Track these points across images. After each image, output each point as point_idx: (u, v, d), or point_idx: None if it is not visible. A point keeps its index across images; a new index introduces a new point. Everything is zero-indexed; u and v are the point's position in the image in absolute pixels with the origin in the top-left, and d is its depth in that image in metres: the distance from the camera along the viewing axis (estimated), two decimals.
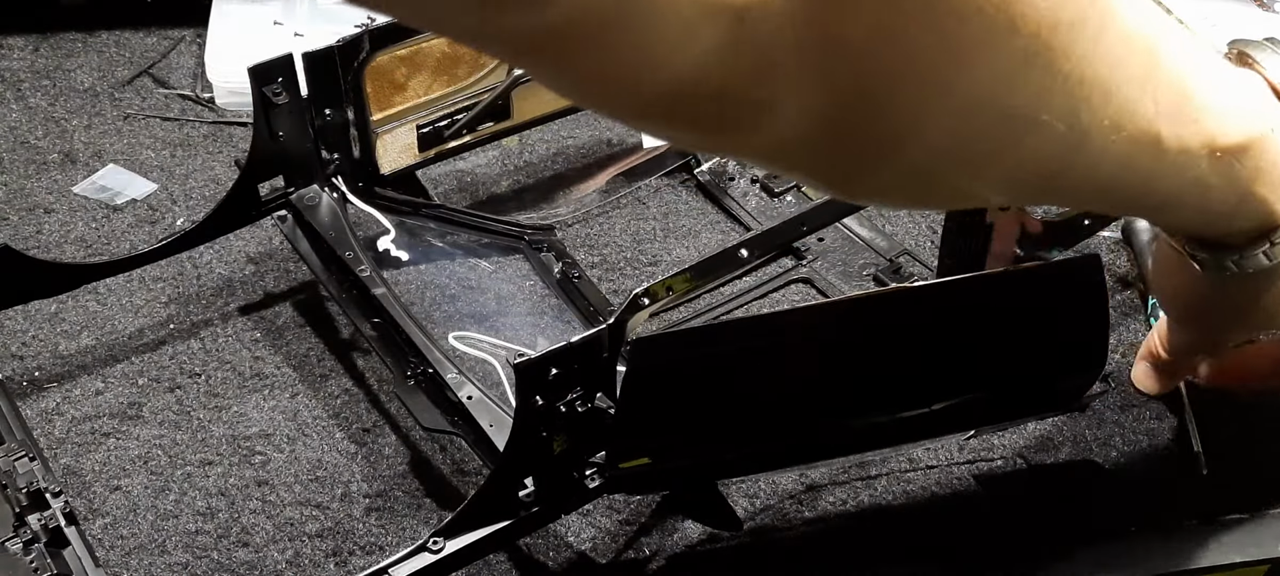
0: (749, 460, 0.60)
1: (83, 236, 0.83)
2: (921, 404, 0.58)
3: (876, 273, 0.81)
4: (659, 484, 0.64)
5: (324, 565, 0.64)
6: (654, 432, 0.55)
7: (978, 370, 0.59)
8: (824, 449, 0.61)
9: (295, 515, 0.66)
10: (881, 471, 0.69)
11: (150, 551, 0.64)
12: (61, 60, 0.99)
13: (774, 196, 0.87)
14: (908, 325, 0.56)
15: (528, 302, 0.79)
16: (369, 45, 0.71)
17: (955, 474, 0.69)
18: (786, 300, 0.80)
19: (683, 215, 0.86)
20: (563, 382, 0.53)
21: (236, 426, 0.70)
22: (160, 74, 0.98)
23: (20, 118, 0.93)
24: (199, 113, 0.95)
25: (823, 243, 0.83)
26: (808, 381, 0.56)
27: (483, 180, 0.89)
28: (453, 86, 0.76)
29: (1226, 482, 0.69)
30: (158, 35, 1.02)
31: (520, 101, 0.79)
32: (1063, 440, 0.71)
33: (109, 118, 0.93)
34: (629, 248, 0.83)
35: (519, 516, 0.58)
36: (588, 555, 0.64)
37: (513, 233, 0.82)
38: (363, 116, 0.73)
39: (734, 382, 0.55)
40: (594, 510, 0.66)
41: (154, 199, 0.86)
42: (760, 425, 0.57)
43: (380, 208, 0.76)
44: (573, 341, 0.53)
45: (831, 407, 0.58)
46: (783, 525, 0.65)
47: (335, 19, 1.00)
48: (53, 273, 0.72)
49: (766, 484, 0.67)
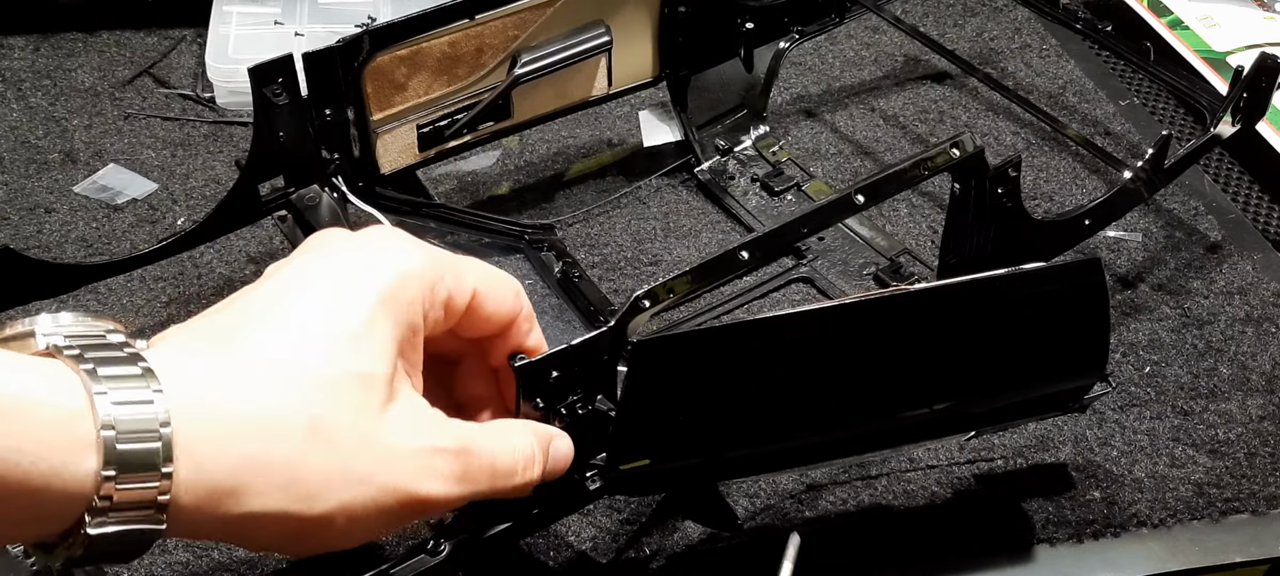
0: (749, 461, 0.60)
1: (83, 236, 0.83)
2: (922, 405, 0.58)
3: (877, 272, 0.81)
4: (659, 485, 0.64)
5: (324, 565, 0.64)
6: (654, 434, 0.55)
7: (978, 371, 0.59)
8: (824, 450, 0.61)
9: None
10: (881, 471, 0.69)
11: (151, 551, 0.64)
12: (62, 60, 0.99)
13: (774, 196, 0.87)
14: (908, 326, 0.56)
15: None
16: (369, 45, 0.71)
17: (955, 474, 0.69)
18: (786, 300, 0.80)
19: (683, 215, 0.86)
20: (563, 384, 0.53)
21: None
22: (161, 74, 0.98)
23: (21, 117, 0.93)
24: (199, 112, 0.95)
25: (823, 242, 0.83)
26: (808, 383, 0.56)
27: (483, 180, 0.89)
28: (453, 86, 0.76)
29: (1226, 482, 0.69)
30: (158, 35, 1.02)
31: (520, 101, 0.79)
32: (1063, 440, 0.71)
33: (109, 117, 0.93)
34: (629, 247, 0.83)
35: (519, 516, 0.58)
36: (588, 555, 0.64)
37: (513, 233, 0.82)
38: (363, 116, 0.73)
39: (734, 384, 0.55)
40: (594, 510, 0.66)
41: (154, 199, 0.86)
42: (760, 426, 0.57)
43: (380, 207, 0.76)
44: (573, 343, 0.53)
45: (831, 409, 0.58)
46: (783, 525, 0.65)
47: (335, 19, 1.00)
48: (53, 273, 0.72)
49: (766, 484, 0.67)
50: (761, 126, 0.92)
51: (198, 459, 0.39)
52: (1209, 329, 0.78)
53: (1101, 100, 0.99)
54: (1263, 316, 0.79)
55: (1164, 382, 0.75)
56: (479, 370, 0.52)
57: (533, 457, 0.48)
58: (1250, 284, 0.82)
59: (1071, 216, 0.73)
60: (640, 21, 0.82)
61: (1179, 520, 0.67)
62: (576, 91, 0.81)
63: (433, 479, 0.43)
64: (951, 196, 0.66)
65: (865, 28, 1.05)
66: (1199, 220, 0.87)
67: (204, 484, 0.39)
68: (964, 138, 0.63)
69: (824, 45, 1.03)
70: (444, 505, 0.44)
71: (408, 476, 0.43)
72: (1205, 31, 1.03)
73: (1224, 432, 0.72)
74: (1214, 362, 0.76)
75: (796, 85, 0.99)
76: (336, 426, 0.41)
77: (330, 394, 0.41)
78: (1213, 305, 0.80)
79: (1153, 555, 0.66)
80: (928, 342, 0.57)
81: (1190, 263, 0.84)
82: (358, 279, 0.44)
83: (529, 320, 0.51)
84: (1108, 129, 0.96)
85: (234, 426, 0.40)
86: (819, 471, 0.68)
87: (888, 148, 0.93)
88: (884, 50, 1.04)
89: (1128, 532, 0.67)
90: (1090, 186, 0.90)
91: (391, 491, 0.42)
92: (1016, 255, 0.65)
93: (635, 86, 0.84)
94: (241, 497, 0.40)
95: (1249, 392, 0.74)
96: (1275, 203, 0.92)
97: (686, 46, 0.85)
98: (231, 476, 0.39)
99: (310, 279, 0.44)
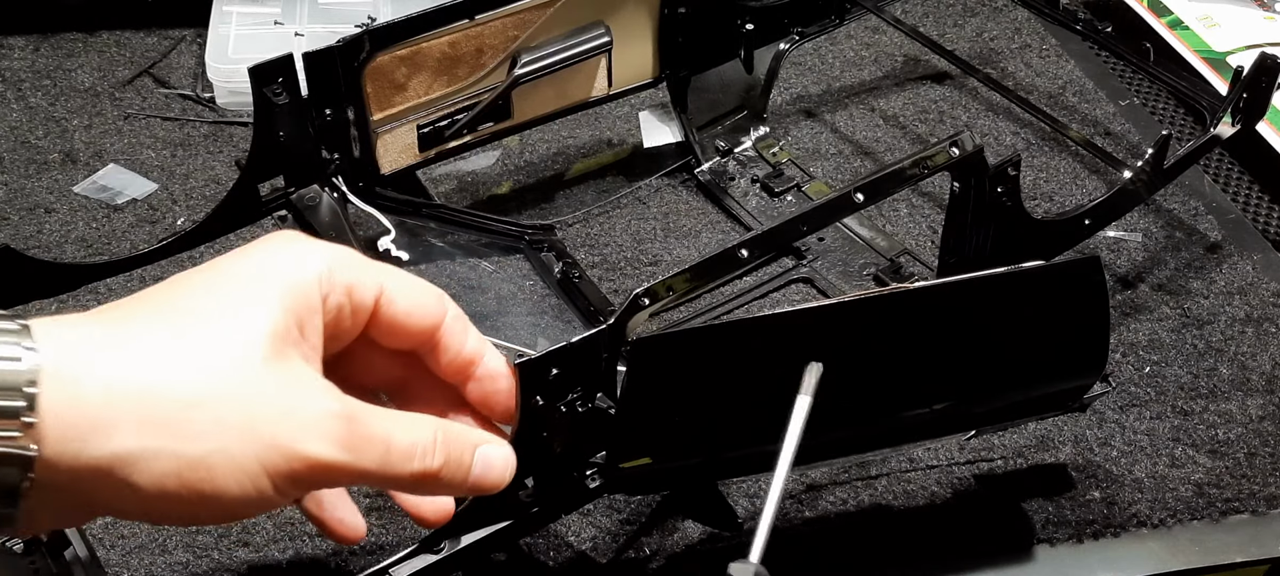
0: (749, 460, 0.60)
1: (83, 236, 0.83)
2: (922, 404, 0.58)
3: (876, 272, 0.81)
4: (659, 484, 0.64)
5: (324, 564, 0.64)
6: (654, 433, 0.55)
7: (978, 370, 0.59)
8: (824, 449, 0.61)
9: (296, 514, 0.66)
10: (881, 471, 0.69)
11: (150, 551, 0.64)
12: (62, 60, 0.99)
13: (774, 196, 0.87)
14: (908, 325, 0.56)
15: (528, 302, 0.79)
16: (369, 45, 0.71)
17: (955, 474, 0.69)
18: (786, 300, 0.80)
19: (683, 215, 0.86)
20: (563, 383, 0.53)
21: None
22: (160, 74, 0.98)
23: (21, 117, 0.93)
24: (199, 112, 0.95)
25: (823, 242, 0.83)
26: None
27: (483, 180, 0.89)
28: (453, 86, 0.76)
29: (1226, 482, 0.69)
30: (158, 35, 1.02)
31: (520, 101, 0.79)
32: (1063, 440, 0.71)
33: (109, 117, 0.93)
34: (629, 247, 0.83)
35: (519, 516, 0.58)
36: (588, 555, 0.64)
37: (513, 233, 0.82)
38: (363, 116, 0.73)
39: (734, 383, 0.55)
40: (594, 510, 0.66)
41: (154, 199, 0.86)
42: (760, 426, 0.57)
43: (380, 207, 0.76)
44: (573, 341, 0.53)
45: (831, 408, 0.58)
46: (783, 525, 0.65)
47: (335, 19, 1.00)
48: (53, 273, 0.72)
49: (766, 484, 0.67)
50: (761, 127, 0.92)
51: (70, 411, 0.39)
52: (1209, 329, 0.78)
53: (1101, 100, 0.99)
54: (1263, 316, 0.79)
55: (1164, 382, 0.75)
56: (429, 393, 0.51)
57: (433, 447, 0.46)
58: (1250, 284, 0.82)
59: (1071, 216, 0.73)
60: (640, 22, 0.82)
61: (1179, 520, 0.67)
62: (576, 92, 0.81)
63: (318, 439, 0.42)
64: (951, 196, 0.66)
65: (865, 28, 1.05)
66: (1199, 220, 0.87)
67: (76, 432, 0.39)
68: (963, 137, 0.63)
69: (824, 46, 1.03)
70: (333, 472, 0.43)
71: (291, 433, 0.42)
72: (1205, 31, 1.03)
73: (1224, 432, 0.72)
74: (1214, 362, 0.76)
75: (796, 86, 0.99)
76: (219, 382, 0.41)
77: (213, 351, 0.41)
78: (1213, 305, 0.80)
79: (1153, 555, 0.66)
80: (927, 342, 0.56)
81: (1190, 262, 0.84)
82: (247, 256, 0.45)
83: (459, 322, 0.49)
84: (1108, 129, 0.96)
85: (109, 381, 0.40)
86: (819, 471, 0.68)
87: (888, 148, 0.93)
88: (884, 50, 1.04)
89: (1128, 532, 0.67)
90: (1090, 186, 0.90)
91: (275, 447, 0.42)
92: (1016, 255, 0.65)
93: (635, 87, 0.84)
94: (116, 447, 0.39)
95: (1249, 392, 0.74)
96: (1275, 203, 0.92)
97: (686, 47, 0.85)
98: (104, 423, 0.39)
99: (201, 269, 0.45)
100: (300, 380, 0.43)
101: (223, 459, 0.41)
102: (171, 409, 0.40)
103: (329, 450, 0.43)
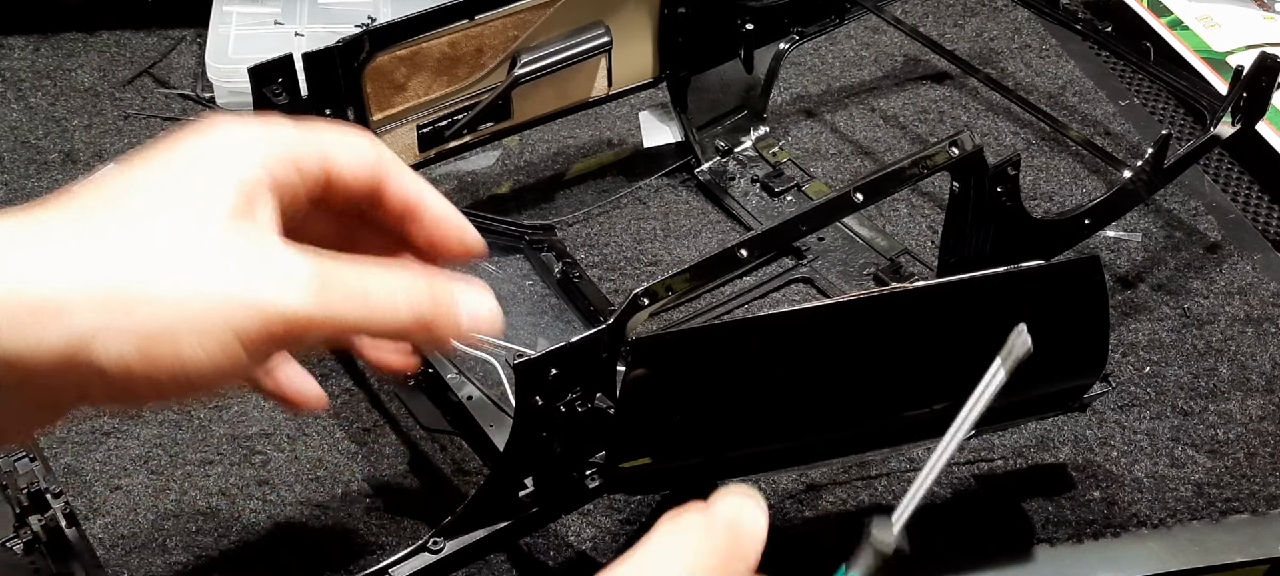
0: (749, 460, 0.60)
1: None
2: (922, 404, 0.58)
3: (876, 272, 0.81)
4: (659, 484, 0.64)
5: (325, 564, 0.64)
6: (654, 433, 0.55)
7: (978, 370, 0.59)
8: (824, 449, 0.61)
9: (295, 514, 0.66)
10: (881, 471, 0.69)
11: (150, 551, 0.64)
12: (62, 60, 0.99)
13: (774, 196, 0.87)
14: (908, 325, 0.56)
15: (528, 302, 0.79)
16: (369, 45, 0.71)
17: (955, 474, 0.69)
18: (786, 300, 0.80)
19: (683, 215, 0.86)
20: (562, 383, 0.53)
21: (237, 426, 0.70)
22: (161, 74, 0.98)
23: (21, 117, 0.93)
24: (199, 112, 0.95)
25: (823, 242, 0.83)
26: (808, 381, 0.56)
27: (483, 180, 0.89)
28: (453, 86, 0.76)
29: (1226, 482, 0.69)
30: (158, 35, 1.02)
31: (520, 101, 0.79)
32: (1063, 440, 0.71)
33: (109, 117, 0.93)
34: (629, 247, 0.83)
35: (519, 516, 0.58)
36: (588, 555, 0.64)
37: (513, 233, 0.82)
38: (363, 117, 0.73)
39: (734, 383, 0.55)
40: (594, 510, 0.66)
41: None
42: (760, 425, 0.57)
43: None
44: (572, 341, 0.53)
45: (831, 408, 0.58)
46: (783, 525, 0.65)
47: (335, 19, 1.00)
48: None
49: (766, 484, 0.67)
50: (761, 127, 0.92)
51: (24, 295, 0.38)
52: (1209, 329, 0.78)
53: (1101, 100, 0.99)
54: (1263, 316, 0.79)
55: (1164, 382, 0.75)
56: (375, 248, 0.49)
57: (422, 289, 0.44)
58: (1250, 284, 0.82)
59: (1071, 216, 0.73)
60: (640, 22, 0.82)
61: (1179, 520, 0.67)
62: (576, 92, 0.81)
63: (294, 290, 0.41)
64: (951, 195, 0.66)
65: (865, 28, 1.05)
66: (1199, 220, 0.87)
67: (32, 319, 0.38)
68: (963, 136, 0.63)
69: (824, 45, 1.03)
70: (311, 326, 0.41)
71: (264, 290, 0.40)
72: (1205, 31, 1.03)
73: (1224, 432, 0.72)
74: (1214, 362, 0.76)
75: (796, 86, 0.99)
76: (181, 255, 0.40)
77: (175, 229, 0.41)
78: (1213, 305, 0.80)
79: (1153, 555, 0.66)
80: (927, 341, 0.57)
81: (1190, 263, 0.84)
82: (191, 132, 0.45)
83: (395, 164, 0.47)
84: (1108, 129, 0.96)
85: (65, 264, 0.39)
86: (819, 471, 0.68)
87: (888, 148, 0.93)
88: (884, 50, 1.04)
89: (1128, 532, 0.67)
90: (1090, 186, 0.90)
91: (247, 306, 0.40)
92: (1016, 255, 0.65)
93: (635, 87, 0.84)
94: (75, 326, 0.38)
95: (1249, 392, 0.74)
96: (1275, 203, 0.92)
97: (686, 47, 0.85)
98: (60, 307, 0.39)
99: (145, 163, 0.45)
100: (266, 242, 0.42)
101: (187, 328, 0.39)
102: (131, 286, 0.39)
103: (301, 298, 0.41)
